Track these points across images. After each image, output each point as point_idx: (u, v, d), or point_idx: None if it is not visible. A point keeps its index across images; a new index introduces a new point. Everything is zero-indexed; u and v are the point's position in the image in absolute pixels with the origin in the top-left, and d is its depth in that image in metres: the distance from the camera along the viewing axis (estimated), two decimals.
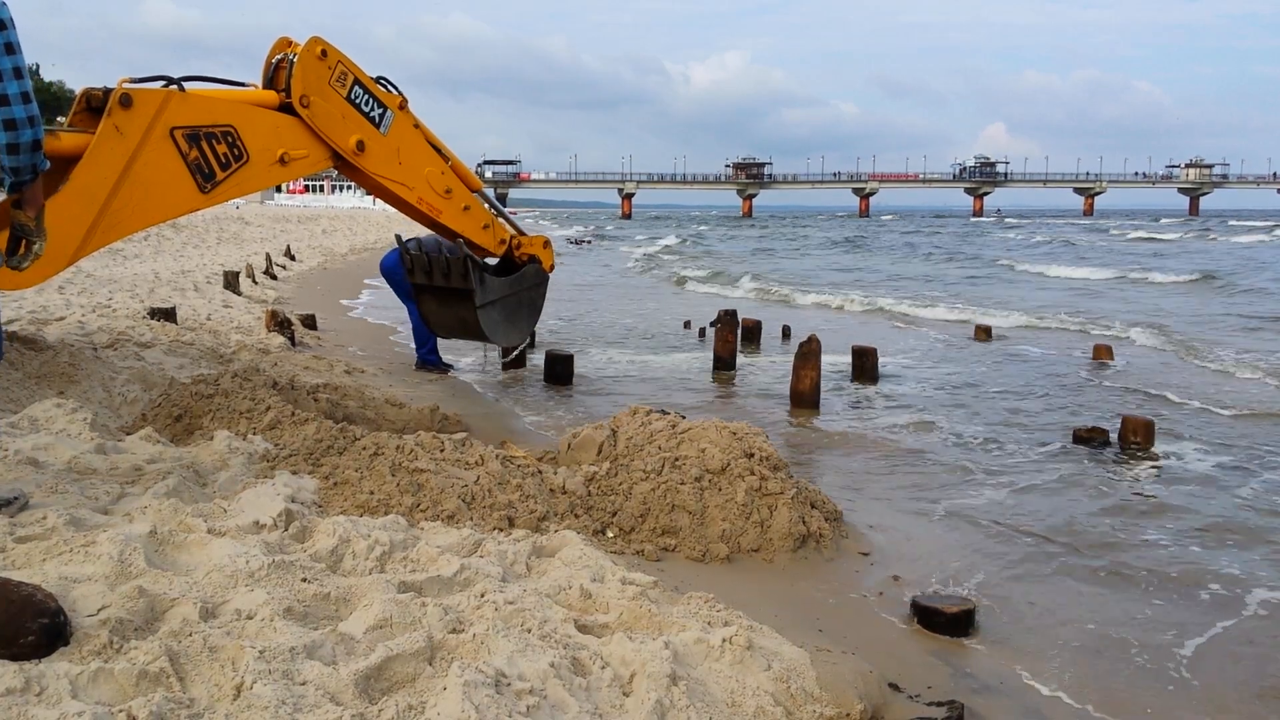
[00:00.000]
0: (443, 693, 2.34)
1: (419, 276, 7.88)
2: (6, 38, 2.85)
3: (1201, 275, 23.73)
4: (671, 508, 4.34)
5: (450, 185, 7.23)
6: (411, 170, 6.99)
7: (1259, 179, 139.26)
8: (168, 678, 2.29)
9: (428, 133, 7.15)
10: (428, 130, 7.16)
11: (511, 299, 7.93)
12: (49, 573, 2.76)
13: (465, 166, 7.52)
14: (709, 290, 21.06)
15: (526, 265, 8.03)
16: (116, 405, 5.71)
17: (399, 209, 7.36)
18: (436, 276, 7.73)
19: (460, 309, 7.76)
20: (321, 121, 6.39)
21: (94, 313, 8.71)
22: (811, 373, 8.08)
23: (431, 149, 7.14)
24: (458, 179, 7.33)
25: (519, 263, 8.02)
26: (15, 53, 2.87)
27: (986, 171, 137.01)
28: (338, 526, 3.43)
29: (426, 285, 7.88)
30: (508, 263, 8.02)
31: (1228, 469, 6.33)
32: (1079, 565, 4.59)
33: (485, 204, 7.71)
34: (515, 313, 8.03)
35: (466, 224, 7.45)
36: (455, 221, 7.35)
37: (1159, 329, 13.52)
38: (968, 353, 11.66)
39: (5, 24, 2.84)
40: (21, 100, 2.88)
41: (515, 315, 8.04)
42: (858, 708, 2.76)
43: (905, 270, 28.49)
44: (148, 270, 14.51)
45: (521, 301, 8.07)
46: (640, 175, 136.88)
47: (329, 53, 6.40)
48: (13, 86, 2.86)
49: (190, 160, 5.79)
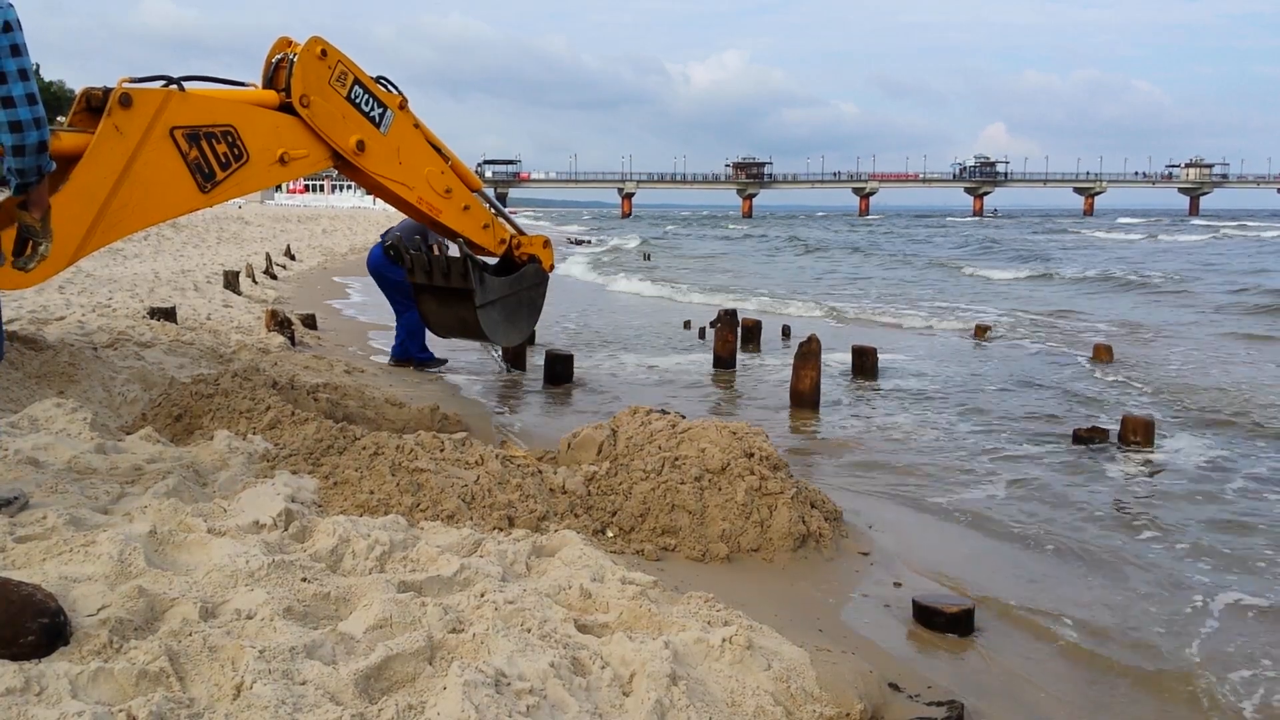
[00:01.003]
0: (443, 692, 2.34)
1: (419, 276, 7.88)
2: (12, 39, 2.84)
3: (1101, 274, 25.00)
4: (671, 507, 4.34)
5: (450, 185, 7.23)
6: (411, 170, 6.99)
7: (1259, 179, 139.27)
8: (168, 678, 2.29)
9: (428, 132, 7.15)
10: (427, 130, 7.16)
11: (511, 299, 7.93)
12: (49, 573, 2.76)
13: (465, 166, 7.52)
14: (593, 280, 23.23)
15: (526, 265, 8.03)
16: (116, 405, 5.72)
17: (399, 208, 7.36)
18: (436, 276, 7.73)
19: (460, 309, 7.76)
20: (322, 121, 6.39)
21: (94, 312, 8.71)
22: (811, 372, 8.09)
23: (431, 149, 7.14)
24: (457, 179, 7.33)
25: (519, 262, 8.02)
26: (21, 54, 2.87)
27: (986, 171, 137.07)
28: (338, 526, 3.43)
29: (426, 285, 7.88)
30: (507, 262, 8.02)
31: (1227, 468, 6.33)
32: (1079, 565, 4.59)
33: (485, 203, 7.71)
34: (515, 312, 8.03)
35: (466, 223, 7.46)
36: (455, 221, 7.35)
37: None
38: (968, 352, 11.66)
39: (12, 26, 2.84)
40: (27, 102, 2.88)
41: (515, 315, 8.04)
42: (858, 707, 2.76)
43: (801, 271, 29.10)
44: (148, 270, 14.51)
45: (521, 301, 8.07)
46: (640, 175, 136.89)
47: (329, 52, 6.40)
48: (18, 88, 2.86)
49: (190, 160, 5.79)
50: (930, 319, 15.11)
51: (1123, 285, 21.95)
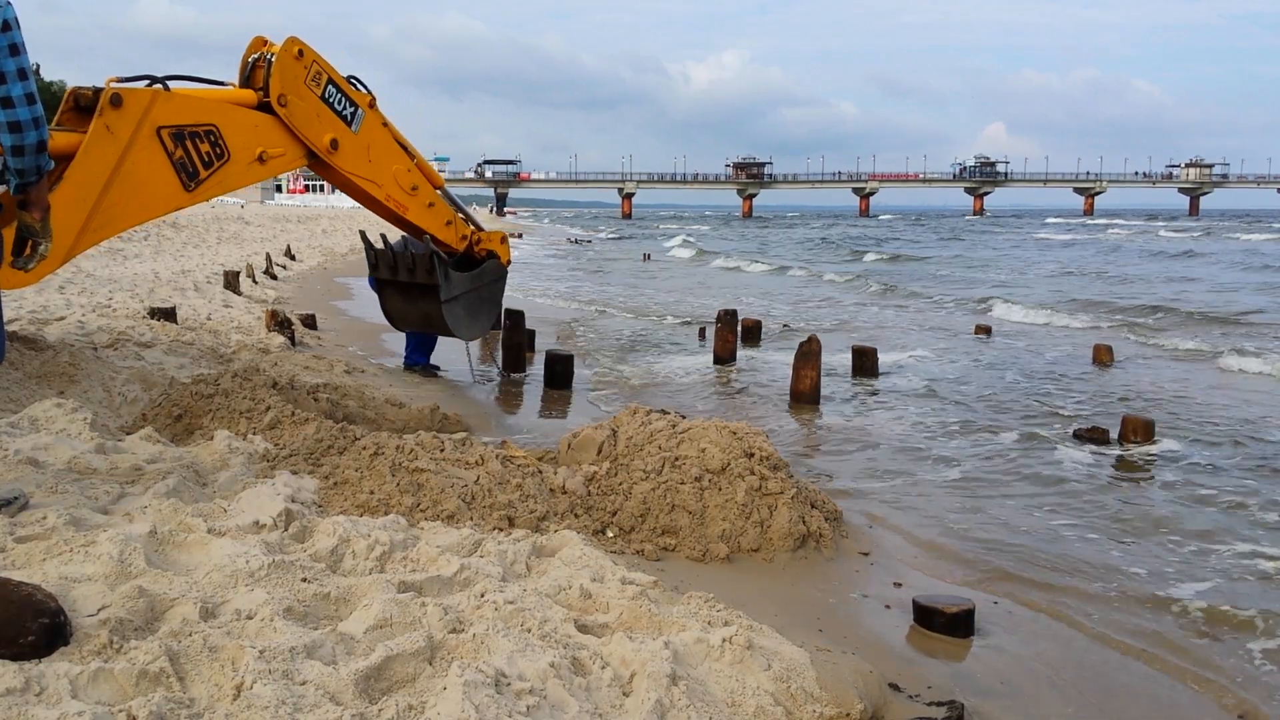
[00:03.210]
0: (443, 693, 2.34)
1: (384, 272, 7.99)
2: (11, 39, 2.83)
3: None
4: (671, 507, 4.34)
5: (416, 182, 7.35)
6: (380, 168, 7.10)
7: (1259, 179, 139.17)
8: (168, 678, 2.29)
9: (394, 131, 7.26)
10: (394, 128, 7.27)
11: (473, 294, 8.02)
12: (49, 573, 2.76)
13: (429, 164, 7.64)
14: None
15: (486, 260, 8.11)
16: (116, 405, 5.71)
17: (367, 205, 7.46)
18: (401, 272, 7.84)
19: (424, 304, 7.87)
20: (298, 120, 6.47)
21: (94, 313, 8.71)
22: (811, 373, 8.09)
23: (398, 146, 7.25)
24: (422, 176, 7.44)
25: (478, 258, 8.10)
26: (20, 54, 2.86)
27: (986, 171, 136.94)
28: (338, 526, 3.43)
29: (391, 280, 7.98)
30: (467, 258, 8.10)
31: (1228, 468, 6.33)
32: (1079, 565, 4.59)
33: (447, 201, 7.81)
34: (477, 307, 8.13)
35: (430, 220, 7.56)
36: (420, 217, 7.46)
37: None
38: (968, 352, 11.66)
39: (10, 24, 2.83)
40: (26, 102, 2.87)
41: (477, 310, 8.14)
42: (858, 707, 2.76)
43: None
44: (148, 270, 14.50)
45: (482, 296, 8.16)
46: (640, 175, 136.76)
47: (305, 52, 6.49)
48: (17, 89, 2.85)
49: (175, 159, 5.84)
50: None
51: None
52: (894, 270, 28.61)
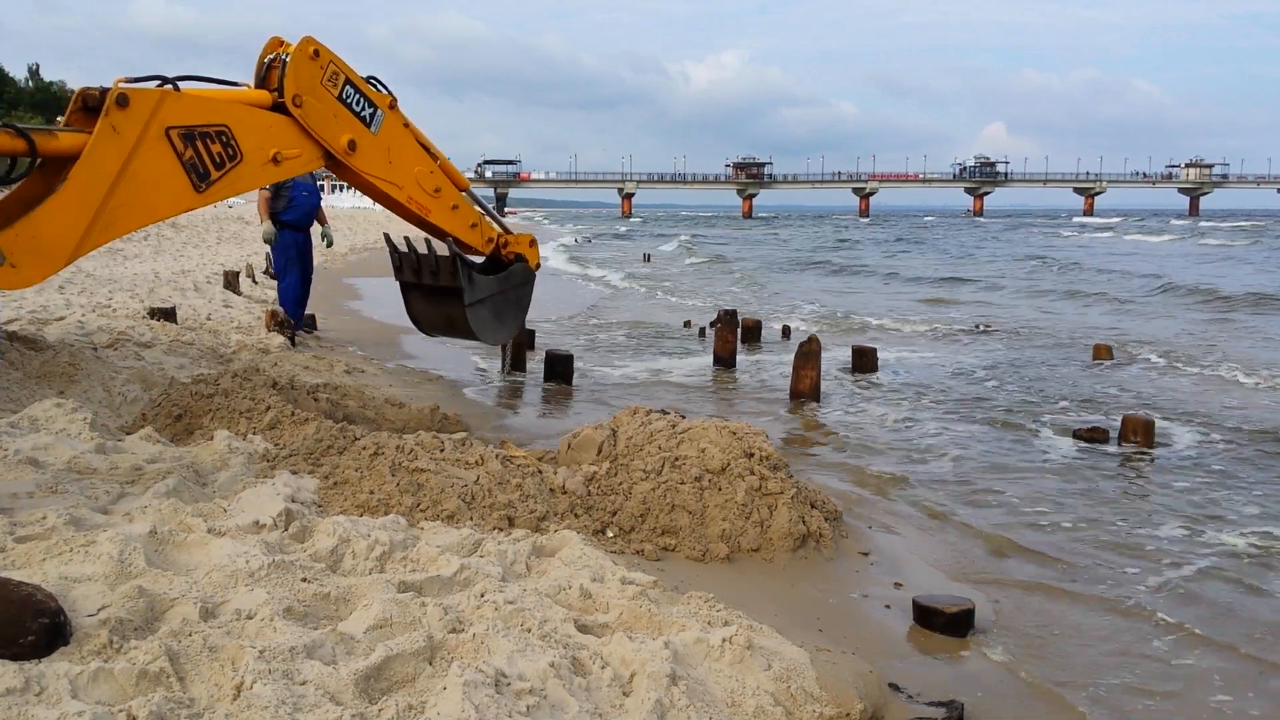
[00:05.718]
0: (443, 692, 2.34)
1: (407, 274, 7.93)
2: None
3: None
4: (671, 507, 4.34)
5: (439, 184, 7.29)
6: (401, 169, 7.05)
7: (1259, 179, 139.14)
8: (168, 678, 2.29)
9: (417, 132, 7.20)
10: (417, 130, 7.21)
11: (499, 297, 7.98)
12: (49, 573, 2.76)
13: (453, 166, 7.59)
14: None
15: (513, 264, 8.08)
16: (116, 405, 5.72)
17: (388, 208, 7.40)
18: (425, 275, 7.78)
19: (448, 307, 7.82)
20: (314, 121, 6.43)
21: (94, 313, 8.71)
22: (811, 373, 8.09)
23: (420, 148, 7.20)
24: (446, 178, 7.39)
25: (505, 261, 8.07)
26: None
27: (986, 171, 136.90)
28: (338, 526, 3.43)
29: (415, 283, 7.93)
30: (494, 261, 8.07)
31: (1228, 467, 6.33)
32: (1078, 565, 4.59)
33: (472, 203, 7.77)
34: (503, 311, 8.09)
35: (454, 222, 7.51)
36: (444, 220, 7.41)
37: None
38: (968, 352, 11.66)
39: None
40: None
41: (503, 313, 8.10)
42: (858, 707, 2.76)
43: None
44: (148, 270, 14.50)
45: (509, 300, 8.12)
46: (640, 175, 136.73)
47: (321, 52, 6.44)
48: None
49: (185, 160, 5.81)
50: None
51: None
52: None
